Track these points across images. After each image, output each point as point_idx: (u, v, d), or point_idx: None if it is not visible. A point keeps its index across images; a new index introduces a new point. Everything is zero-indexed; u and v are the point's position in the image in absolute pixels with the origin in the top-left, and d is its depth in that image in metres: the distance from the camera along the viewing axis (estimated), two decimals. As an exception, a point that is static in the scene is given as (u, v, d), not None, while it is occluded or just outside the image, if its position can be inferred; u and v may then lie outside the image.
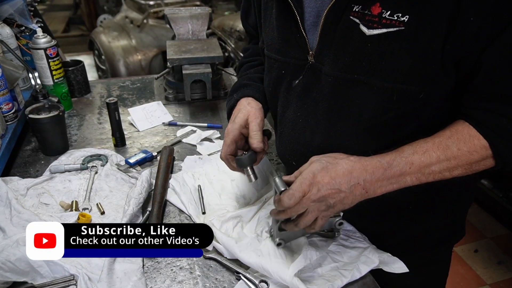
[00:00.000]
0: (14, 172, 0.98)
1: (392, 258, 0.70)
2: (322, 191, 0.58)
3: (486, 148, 0.58)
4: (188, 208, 0.83)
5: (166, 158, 0.96)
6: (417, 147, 0.60)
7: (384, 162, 0.59)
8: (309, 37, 0.67)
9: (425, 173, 0.60)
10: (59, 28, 6.01)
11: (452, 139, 0.59)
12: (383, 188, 0.60)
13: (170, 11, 1.41)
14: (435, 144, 0.59)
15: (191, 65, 1.23)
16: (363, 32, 0.58)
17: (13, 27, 1.22)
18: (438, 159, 0.59)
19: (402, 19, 0.55)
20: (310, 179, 0.59)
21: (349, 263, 0.69)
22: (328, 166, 0.60)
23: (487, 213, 2.28)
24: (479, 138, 0.59)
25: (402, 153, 0.60)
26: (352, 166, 0.59)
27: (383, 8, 0.56)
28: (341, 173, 0.59)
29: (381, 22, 0.56)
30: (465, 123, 0.61)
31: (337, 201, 0.60)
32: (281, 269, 0.65)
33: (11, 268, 0.66)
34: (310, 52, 0.67)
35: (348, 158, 0.61)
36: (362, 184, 0.59)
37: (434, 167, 0.59)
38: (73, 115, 1.25)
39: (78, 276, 0.66)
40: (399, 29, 0.55)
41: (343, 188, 0.59)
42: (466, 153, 0.59)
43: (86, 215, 0.78)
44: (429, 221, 0.79)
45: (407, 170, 0.59)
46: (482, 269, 1.95)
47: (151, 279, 0.69)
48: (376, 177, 0.59)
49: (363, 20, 0.58)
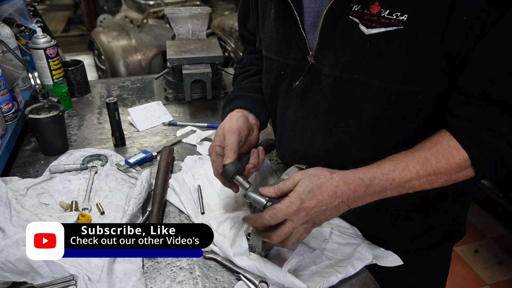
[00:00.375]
0: (13, 172, 0.98)
1: (386, 252, 0.71)
2: (310, 214, 0.60)
3: (465, 159, 0.59)
4: (187, 208, 0.83)
5: (166, 158, 0.96)
6: (397, 162, 0.61)
7: (366, 180, 0.60)
8: (309, 37, 0.66)
9: (405, 187, 0.61)
10: (58, 28, 6.01)
11: (431, 151, 0.60)
12: (364, 202, 0.62)
13: (170, 11, 1.40)
14: (414, 158, 0.60)
15: (191, 65, 1.23)
16: (362, 31, 0.58)
17: (12, 27, 1.21)
18: (418, 174, 0.60)
19: (401, 18, 0.54)
20: (298, 205, 0.59)
21: (343, 259, 0.70)
22: (314, 189, 0.60)
23: (487, 213, 2.28)
24: (458, 149, 0.59)
25: (383, 170, 0.61)
26: (335, 185, 0.60)
27: (382, 7, 0.56)
28: (326, 194, 0.60)
29: (380, 21, 0.56)
30: (446, 133, 0.61)
31: (322, 218, 0.62)
32: (275, 268, 0.65)
33: (10, 268, 0.66)
34: (310, 52, 0.67)
35: (331, 177, 0.61)
36: (346, 202, 0.61)
37: (414, 181, 0.61)
38: (72, 115, 1.25)
39: (78, 276, 0.66)
40: (398, 28, 0.55)
41: (328, 208, 0.61)
42: (445, 165, 0.59)
43: (86, 215, 0.78)
44: (429, 221, 0.79)
45: (387, 187, 0.61)
46: (483, 269, 1.96)
47: (151, 279, 0.69)
48: (358, 195, 0.61)
49: (362, 19, 0.58)
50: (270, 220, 0.60)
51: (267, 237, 0.63)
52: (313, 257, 0.70)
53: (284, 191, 0.62)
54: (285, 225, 0.60)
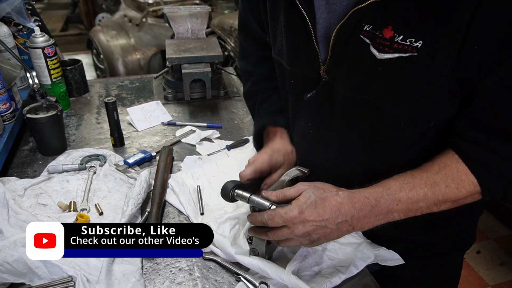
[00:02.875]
0: (11, 173, 0.97)
1: (387, 252, 0.71)
2: (307, 227, 0.58)
3: (475, 185, 0.58)
4: (187, 209, 0.83)
5: (165, 158, 0.95)
6: (404, 183, 0.59)
7: (371, 199, 0.59)
8: (321, 49, 0.64)
9: (412, 209, 0.59)
10: (57, 27, 5.99)
11: (440, 174, 0.59)
12: (370, 224, 0.60)
13: (169, 10, 1.40)
14: (422, 179, 0.59)
15: (190, 64, 1.22)
16: (374, 54, 0.56)
17: (10, 26, 1.21)
18: (426, 196, 0.58)
19: (415, 44, 0.52)
20: (296, 214, 0.58)
21: (345, 259, 0.69)
22: (316, 201, 0.58)
23: (489, 214, 2.26)
24: (467, 174, 0.58)
25: (389, 190, 0.59)
26: (340, 202, 0.58)
27: (395, 32, 0.54)
28: (329, 210, 0.58)
29: (392, 47, 0.54)
30: (454, 155, 0.60)
31: (321, 236, 0.60)
32: (279, 268, 0.65)
33: (8, 269, 0.66)
34: (322, 66, 0.65)
35: (337, 194, 0.59)
36: (350, 221, 0.59)
37: (421, 203, 0.59)
38: (71, 114, 1.24)
39: (76, 278, 0.66)
40: (412, 54, 0.53)
41: (329, 225, 0.58)
42: (454, 189, 0.58)
43: (84, 216, 0.78)
44: (438, 231, 0.77)
45: (394, 207, 0.59)
46: (485, 270, 1.94)
47: (150, 280, 0.69)
48: (363, 214, 0.59)
49: (373, 41, 0.56)
50: (267, 220, 0.60)
51: (263, 233, 0.63)
52: (315, 257, 0.70)
53: (286, 197, 0.61)
54: (282, 229, 0.60)
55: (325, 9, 0.61)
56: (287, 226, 0.59)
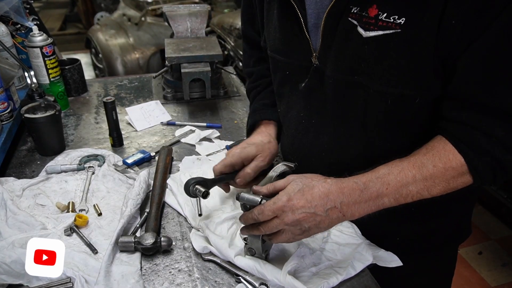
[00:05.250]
0: (9, 173, 0.96)
1: (386, 253, 0.71)
2: (297, 215, 0.58)
3: (462, 164, 0.58)
4: (185, 210, 0.82)
5: (165, 158, 0.95)
6: (392, 167, 0.59)
7: (360, 184, 0.59)
8: (312, 38, 0.67)
9: (402, 194, 0.59)
10: (55, 26, 5.97)
11: (427, 156, 0.59)
12: (360, 211, 0.59)
13: (169, 9, 1.39)
14: (410, 162, 0.59)
15: (190, 63, 1.22)
16: (360, 34, 0.58)
17: (8, 25, 1.20)
18: (414, 178, 0.58)
19: (399, 21, 0.54)
20: (284, 202, 0.58)
21: (343, 260, 0.69)
22: (304, 189, 0.59)
23: (491, 214, 2.26)
24: (454, 153, 0.58)
25: (377, 173, 0.59)
26: (328, 188, 0.58)
27: (379, 10, 0.56)
28: (317, 196, 0.58)
29: (377, 24, 0.56)
30: (441, 138, 0.60)
31: (312, 225, 0.59)
32: (275, 269, 0.65)
33: (6, 270, 0.65)
34: (313, 54, 0.67)
35: (325, 181, 0.60)
36: (339, 207, 0.58)
37: (411, 187, 0.58)
38: (69, 114, 1.24)
39: (74, 279, 0.65)
40: (395, 31, 0.55)
41: (318, 212, 0.58)
42: (442, 169, 0.58)
43: (83, 217, 0.77)
44: (433, 222, 0.78)
45: (383, 191, 0.58)
46: (487, 271, 1.93)
47: (149, 281, 0.68)
48: (353, 199, 0.58)
49: (360, 22, 0.58)
50: (258, 215, 0.60)
51: (255, 229, 0.63)
52: (313, 258, 0.70)
53: (277, 188, 0.62)
54: (273, 220, 0.60)
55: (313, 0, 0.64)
56: (277, 216, 0.59)
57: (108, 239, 0.73)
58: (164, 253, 0.74)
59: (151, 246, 0.71)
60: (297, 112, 0.73)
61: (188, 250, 0.74)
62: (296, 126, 0.74)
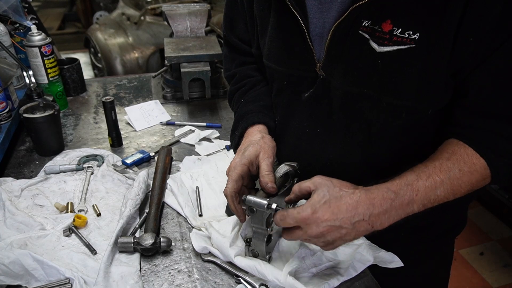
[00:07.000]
0: (8, 173, 0.96)
1: (387, 254, 0.70)
2: (321, 228, 0.56)
3: (485, 167, 0.59)
4: (185, 210, 0.82)
5: (164, 158, 0.94)
6: (420, 173, 0.59)
7: (391, 192, 0.57)
8: (315, 48, 0.65)
9: (431, 199, 0.59)
10: (54, 25, 5.95)
11: (451, 160, 0.59)
12: (390, 220, 0.58)
13: (168, 8, 1.39)
14: (436, 167, 0.59)
15: (189, 63, 1.21)
16: (373, 48, 0.58)
17: (7, 24, 1.20)
18: (442, 182, 0.58)
19: (413, 36, 0.55)
20: (309, 213, 0.56)
21: (344, 261, 0.69)
22: (331, 200, 0.56)
23: (492, 215, 2.25)
24: (477, 157, 0.59)
25: (407, 180, 0.59)
26: (357, 200, 0.56)
27: (394, 25, 0.55)
28: (344, 209, 0.56)
29: (392, 40, 0.56)
30: (459, 142, 0.61)
31: (337, 237, 0.58)
32: (276, 270, 0.65)
33: (4, 271, 0.65)
34: (317, 64, 0.66)
35: (353, 192, 0.57)
36: (368, 220, 0.56)
37: (438, 191, 0.58)
38: (68, 114, 1.23)
39: (73, 280, 0.65)
40: (410, 46, 0.55)
41: (344, 225, 0.56)
42: (468, 173, 0.59)
43: (82, 217, 0.77)
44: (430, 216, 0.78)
45: (413, 198, 0.58)
46: (488, 272, 1.92)
47: (149, 282, 0.68)
48: (383, 209, 0.56)
49: (373, 36, 0.58)
50: (279, 221, 0.59)
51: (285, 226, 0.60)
52: (314, 259, 0.70)
53: (302, 189, 0.60)
54: (295, 231, 0.59)
55: (318, 9, 0.63)
56: (301, 227, 0.58)
57: (107, 239, 0.73)
58: (163, 253, 0.73)
59: (151, 246, 0.70)
60: (299, 122, 0.72)
61: (187, 251, 0.74)
62: (299, 135, 0.73)
